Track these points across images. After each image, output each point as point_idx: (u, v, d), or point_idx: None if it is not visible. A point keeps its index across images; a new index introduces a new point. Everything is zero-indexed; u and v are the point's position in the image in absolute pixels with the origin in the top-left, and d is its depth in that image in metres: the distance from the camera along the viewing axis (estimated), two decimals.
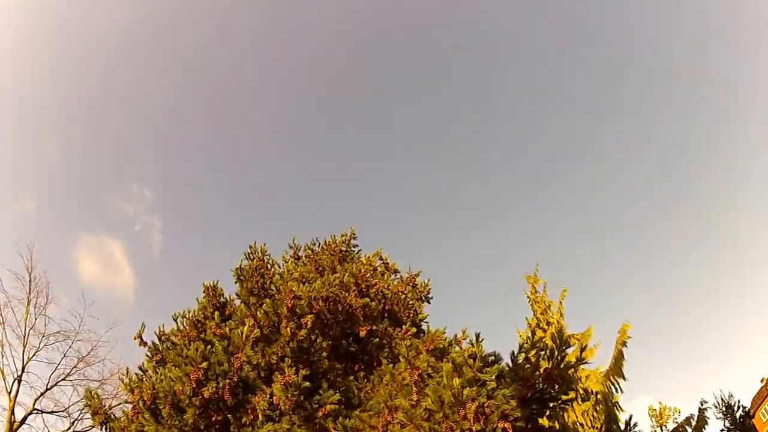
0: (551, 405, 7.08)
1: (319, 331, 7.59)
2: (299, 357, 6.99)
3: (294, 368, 6.43)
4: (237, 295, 8.85)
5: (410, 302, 8.69)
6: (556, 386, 7.03)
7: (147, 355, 8.10)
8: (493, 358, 6.96)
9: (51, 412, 18.28)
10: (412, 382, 6.77)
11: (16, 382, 17.72)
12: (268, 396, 6.16)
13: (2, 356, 17.89)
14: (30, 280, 18.91)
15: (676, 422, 11.24)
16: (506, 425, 6.30)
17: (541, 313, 11.27)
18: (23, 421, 17.67)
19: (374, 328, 8.00)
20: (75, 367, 19.07)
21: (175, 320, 8.36)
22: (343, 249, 9.51)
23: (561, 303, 11.34)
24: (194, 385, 6.21)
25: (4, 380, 17.69)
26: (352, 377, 7.56)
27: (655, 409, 15.17)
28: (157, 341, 8.42)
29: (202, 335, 7.98)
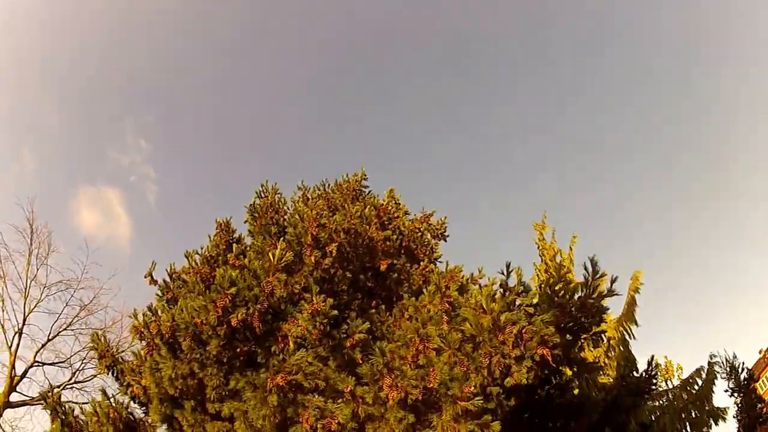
0: (583, 336, 7.07)
1: (338, 264, 7.34)
2: (323, 287, 6.73)
3: (321, 296, 6.18)
4: (249, 232, 8.48)
5: (426, 240, 8.50)
6: (590, 316, 7.01)
7: (157, 294, 7.73)
8: (522, 288, 6.84)
9: (52, 364, 18.04)
10: (443, 311, 6.63)
11: (17, 335, 17.38)
12: (299, 323, 5.90)
13: (3, 310, 17.59)
14: (31, 232, 18.51)
15: (680, 379, 11.55)
16: (545, 351, 6.23)
17: (549, 260, 11.30)
18: (24, 374, 17.29)
19: (393, 262, 7.80)
20: (77, 316, 18.78)
21: (188, 257, 7.99)
22: (356, 188, 9.18)
23: (571, 249, 11.38)
24: (220, 313, 5.89)
25: (5, 334, 17.36)
26: (373, 311, 7.37)
27: (661, 364, 15.67)
28: (168, 279, 8.05)
29: (215, 273, 7.63)
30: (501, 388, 6.32)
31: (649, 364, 8.18)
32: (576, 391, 7.59)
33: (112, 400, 7.17)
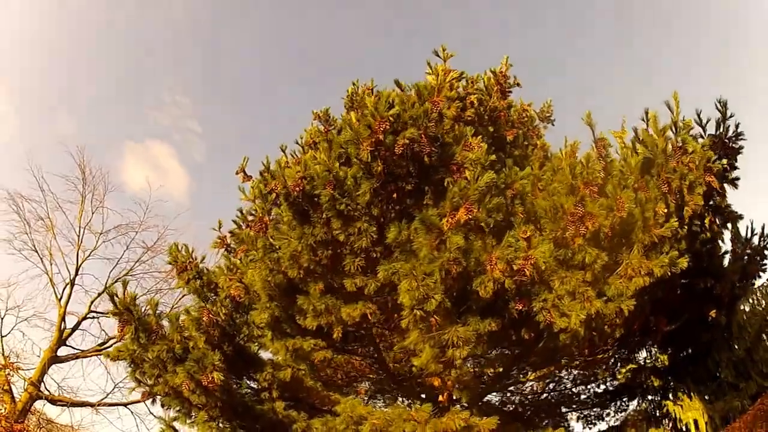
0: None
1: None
2: None
3: (478, 138, 5.24)
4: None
5: (535, 122, 7.76)
6: (727, 155, 6.51)
7: (252, 188, 6.48)
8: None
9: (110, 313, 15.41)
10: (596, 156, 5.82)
11: (68, 286, 15.63)
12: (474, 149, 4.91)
13: (51, 263, 15.79)
14: (83, 178, 16.72)
15: None
16: (710, 178, 5.70)
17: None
18: (77, 326, 15.53)
19: (520, 132, 6.98)
20: (139, 260, 16.95)
21: (283, 151, 6.83)
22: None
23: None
24: (372, 148, 4.80)
25: (54, 288, 15.54)
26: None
27: None
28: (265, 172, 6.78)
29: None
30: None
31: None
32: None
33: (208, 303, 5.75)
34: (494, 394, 7.82)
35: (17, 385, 13.96)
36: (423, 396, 6.75)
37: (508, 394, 7.79)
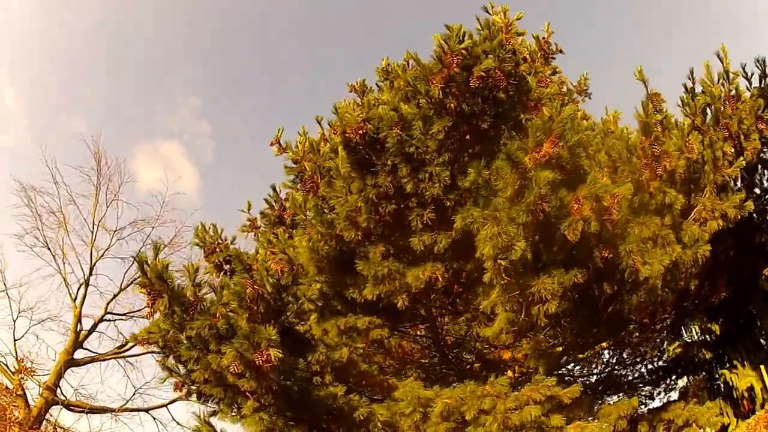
0: None
1: None
2: None
3: None
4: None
5: (573, 96, 7.72)
6: None
7: (299, 144, 5.96)
8: None
9: (126, 315, 15.25)
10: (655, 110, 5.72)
11: (83, 286, 14.80)
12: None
13: (65, 262, 14.98)
14: (98, 169, 15.93)
15: None
16: (762, 126, 5.74)
17: None
18: (93, 328, 14.66)
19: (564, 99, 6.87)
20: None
21: (319, 122, 6.36)
22: None
23: None
24: (442, 84, 4.44)
25: (68, 288, 14.75)
26: None
27: None
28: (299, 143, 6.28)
29: None
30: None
31: None
32: None
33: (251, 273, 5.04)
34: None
35: (32, 391, 13.25)
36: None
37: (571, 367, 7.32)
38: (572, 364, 7.21)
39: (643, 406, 7.14)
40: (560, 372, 6.52)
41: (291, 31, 38.70)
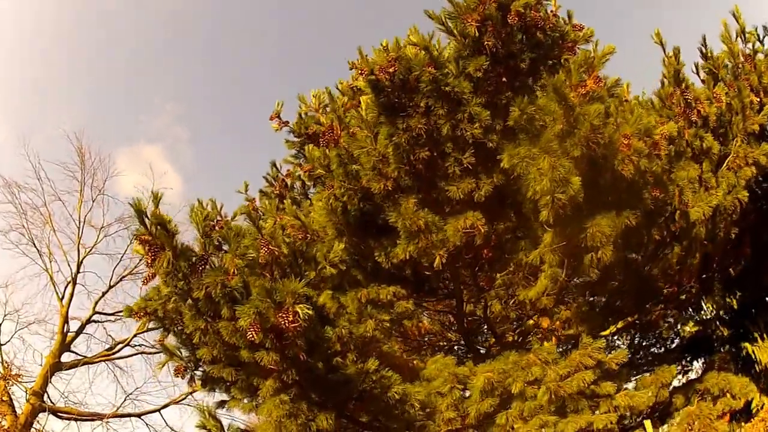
0: None
1: None
2: None
3: None
4: None
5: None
6: None
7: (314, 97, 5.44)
8: None
9: (115, 315, 14.45)
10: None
11: (70, 284, 14.19)
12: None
13: (51, 260, 14.44)
14: (82, 163, 15.39)
15: None
16: None
17: None
18: (81, 329, 14.05)
19: None
20: None
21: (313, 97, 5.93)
22: None
23: None
24: (478, 23, 4.16)
25: (55, 287, 14.16)
26: None
27: None
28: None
29: None
30: None
31: None
32: None
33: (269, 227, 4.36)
34: None
35: (18, 398, 12.68)
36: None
37: None
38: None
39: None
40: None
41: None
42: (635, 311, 5.97)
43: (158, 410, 14.21)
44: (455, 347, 6.40)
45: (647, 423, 5.15)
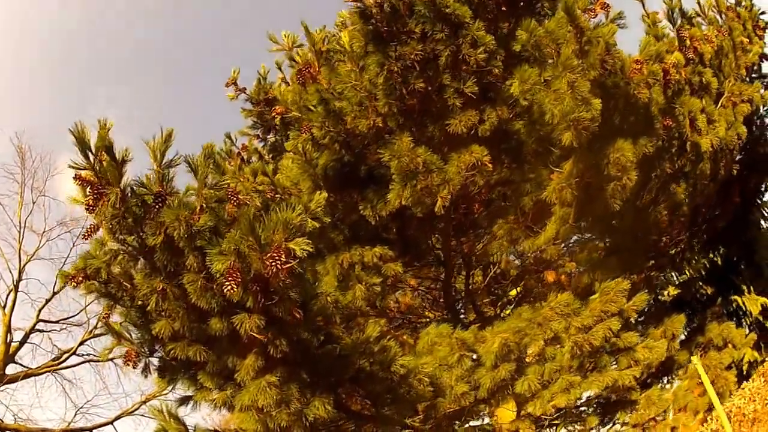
0: None
1: None
2: None
3: None
4: None
5: None
6: None
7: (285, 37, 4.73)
8: None
9: (61, 321, 13.80)
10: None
11: (12, 292, 13.57)
12: None
13: None
14: (23, 162, 14.49)
15: None
16: (760, 32, 5.89)
17: None
18: (25, 338, 13.47)
19: None
20: None
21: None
22: None
23: None
24: None
25: None
26: None
27: None
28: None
29: None
30: None
31: None
32: None
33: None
34: None
35: None
36: None
37: None
38: None
39: None
40: None
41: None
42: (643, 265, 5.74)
43: (111, 422, 13.72)
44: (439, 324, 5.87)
45: (695, 359, 4.83)
